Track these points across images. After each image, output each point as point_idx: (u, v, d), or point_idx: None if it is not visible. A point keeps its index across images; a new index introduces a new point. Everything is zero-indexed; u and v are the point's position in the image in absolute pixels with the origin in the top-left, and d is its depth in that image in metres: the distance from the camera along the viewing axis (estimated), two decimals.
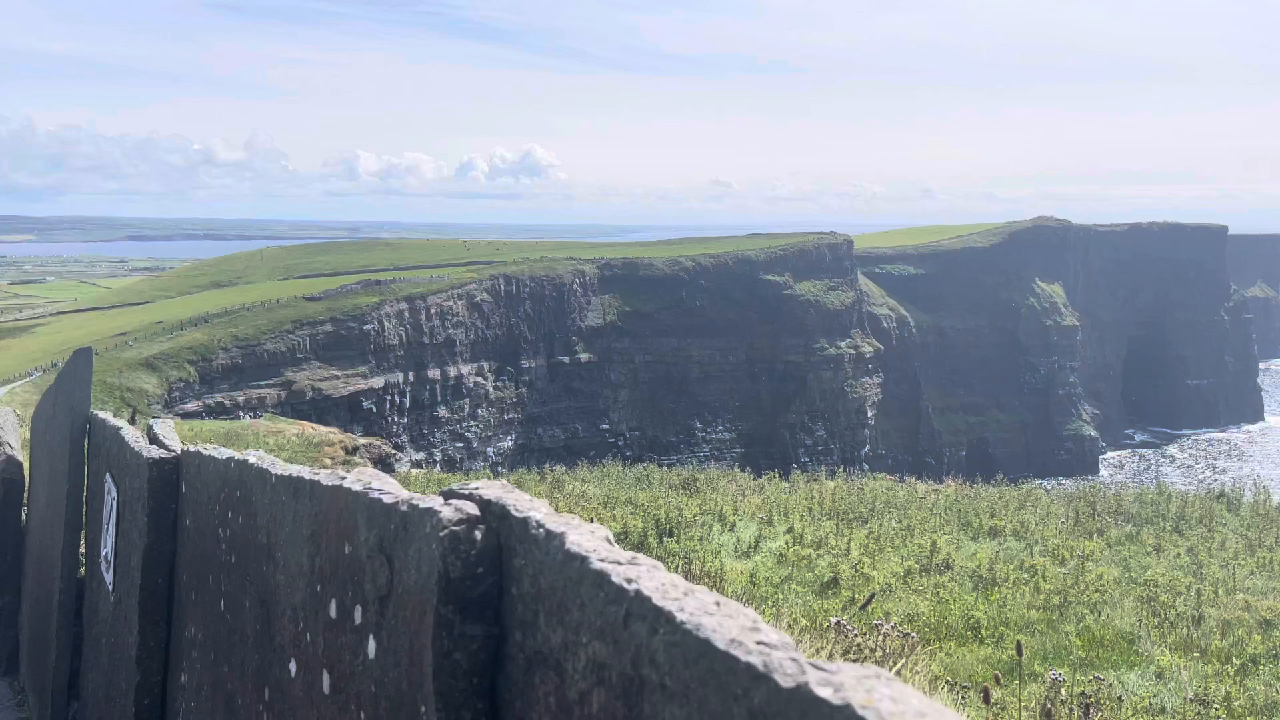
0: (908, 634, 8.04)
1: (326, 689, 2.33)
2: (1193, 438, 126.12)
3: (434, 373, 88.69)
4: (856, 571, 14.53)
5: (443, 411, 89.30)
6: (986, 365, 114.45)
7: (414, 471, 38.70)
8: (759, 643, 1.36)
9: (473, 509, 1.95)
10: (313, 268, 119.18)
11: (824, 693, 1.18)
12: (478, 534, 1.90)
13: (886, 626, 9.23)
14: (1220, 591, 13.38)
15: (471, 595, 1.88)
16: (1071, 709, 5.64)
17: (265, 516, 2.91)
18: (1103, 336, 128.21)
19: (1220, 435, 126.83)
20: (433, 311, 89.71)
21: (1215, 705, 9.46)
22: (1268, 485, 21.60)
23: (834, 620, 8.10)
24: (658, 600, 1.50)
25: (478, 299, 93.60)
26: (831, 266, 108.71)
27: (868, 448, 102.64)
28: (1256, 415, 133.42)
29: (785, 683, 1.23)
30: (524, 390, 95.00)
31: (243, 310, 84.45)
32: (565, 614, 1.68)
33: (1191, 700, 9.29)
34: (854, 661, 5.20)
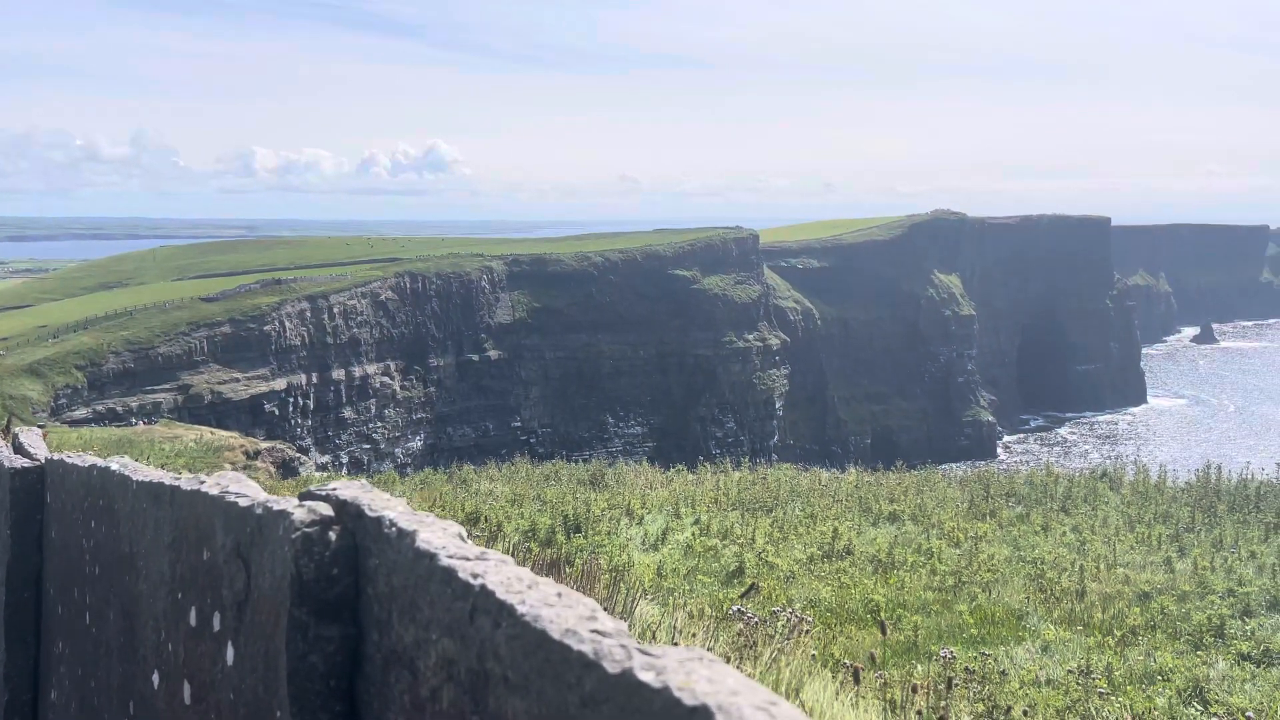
0: (803, 619, 8.23)
1: (188, 699, 2.28)
2: (1082, 420, 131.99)
3: (339, 373, 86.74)
4: (761, 560, 14.79)
5: (348, 413, 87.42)
6: (889, 355, 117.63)
7: (317, 475, 37.81)
8: (593, 631, 1.39)
9: (327, 510, 1.93)
10: (208, 267, 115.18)
11: (646, 676, 1.21)
12: (332, 535, 1.88)
13: (785, 613, 9.43)
14: (1102, 567, 14.07)
15: (327, 597, 1.86)
16: (935, 685, 5.87)
17: (128, 525, 2.82)
18: (998, 325, 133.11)
19: (1107, 417, 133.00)
20: (336, 311, 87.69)
21: (1096, 675, 9.94)
22: (1147, 464, 22.76)
23: (734, 609, 8.26)
24: (501, 594, 1.52)
25: (383, 297, 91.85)
26: (739, 261, 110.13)
27: (776, 438, 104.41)
28: (1140, 398, 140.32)
29: (612, 669, 1.26)
30: (432, 389, 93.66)
31: (134, 312, 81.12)
32: (417, 612, 1.68)
33: (1074, 671, 9.75)
34: (747, 647, 5.31)
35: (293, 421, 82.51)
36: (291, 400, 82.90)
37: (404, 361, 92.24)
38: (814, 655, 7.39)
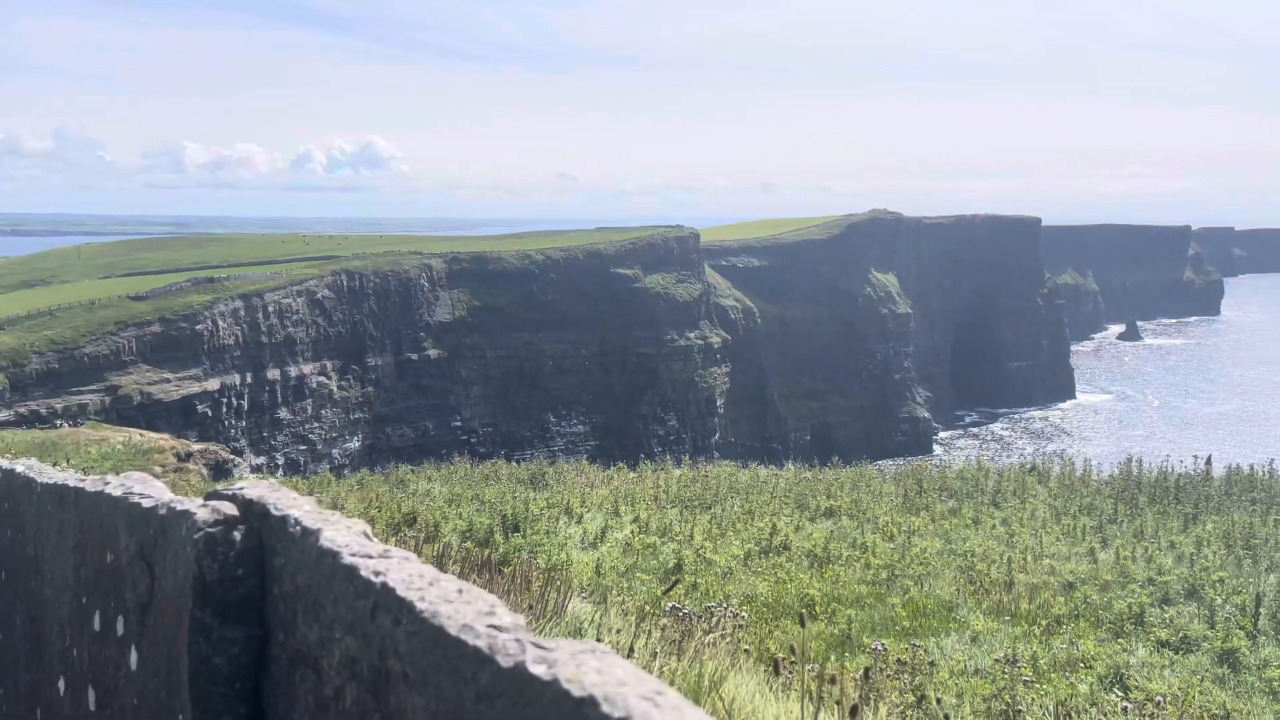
0: (738, 614, 8.32)
1: (92, 705, 2.23)
2: (1014, 416, 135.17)
3: (274, 373, 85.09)
4: (699, 556, 14.88)
5: (284, 413, 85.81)
6: (827, 353, 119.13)
7: (250, 476, 37.03)
8: (490, 626, 1.40)
9: (231, 509, 1.91)
10: (137, 265, 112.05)
11: (538, 670, 1.23)
12: (237, 535, 1.86)
13: (721, 608, 9.50)
14: (1029, 558, 14.43)
15: (231, 598, 1.84)
16: (866, 675, 5.98)
17: (33, 528, 2.75)
18: (933, 323, 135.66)
19: (1038, 413, 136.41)
20: (270, 309, 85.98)
21: (1022, 664, 10.20)
22: (1074, 458, 23.41)
23: (670, 605, 8.31)
24: (402, 591, 1.52)
25: (319, 296, 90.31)
26: (679, 260, 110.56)
27: (718, 436, 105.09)
28: (1069, 394, 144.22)
29: (505, 663, 1.28)
30: (370, 389, 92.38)
31: (58, 311, 78.56)
32: (320, 611, 1.67)
33: (1001, 661, 9.99)
34: (674, 642, 5.35)
35: (226, 423, 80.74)
36: (225, 401, 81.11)
37: (341, 361, 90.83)
38: (747, 650, 7.46)
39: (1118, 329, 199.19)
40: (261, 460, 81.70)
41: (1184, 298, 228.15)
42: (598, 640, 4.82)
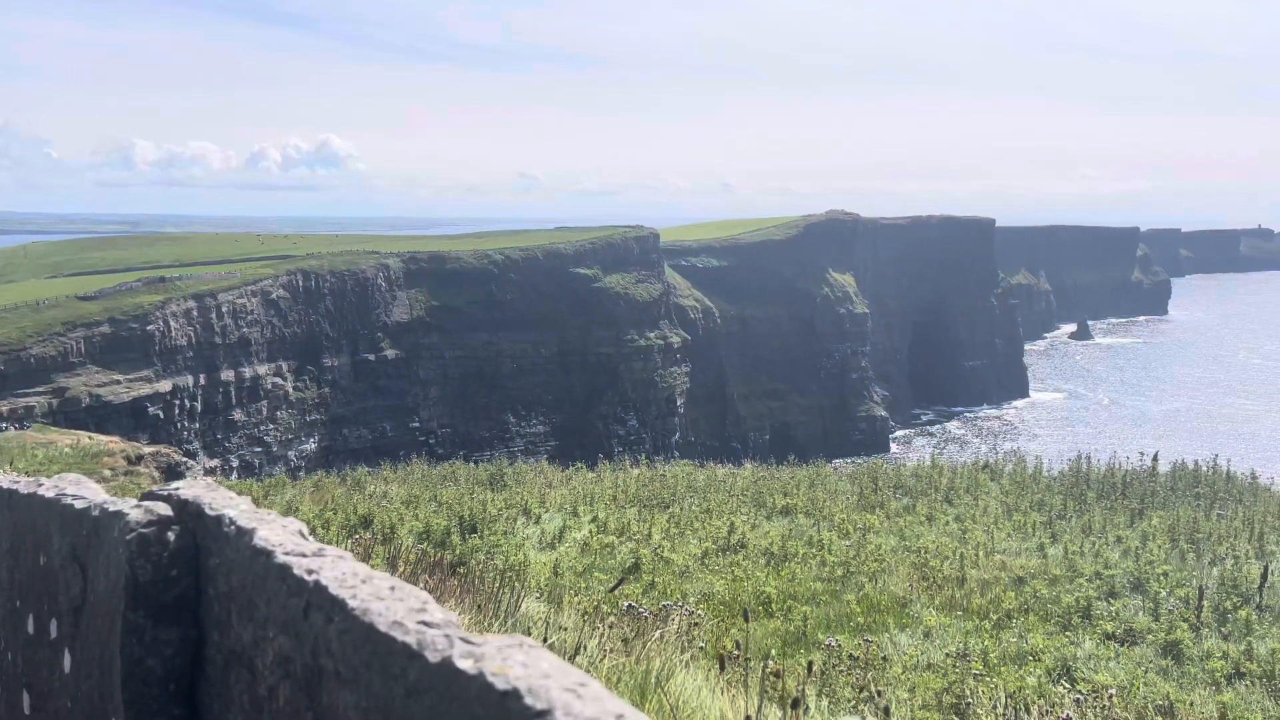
0: (694, 612, 8.37)
1: (27, 709, 2.20)
2: (970, 414, 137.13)
3: (228, 374, 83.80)
4: (657, 556, 14.93)
5: (238, 415, 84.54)
6: (786, 352, 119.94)
7: (204, 479, 36.39)
8: (421, 623, 1.41)
9: (165, 510, 1.90)
10: (86, 264, 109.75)
11: (464, 664, 1.25)
12: (170, 535, 1.85)
13: (678, 607, 9.55)
14: (981, 554, 14.66)
15: (165, 599, 1.83)
16: (820, 671, 6.05)
17: None
18: (890, 323, 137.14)
19: (993, 411, 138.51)
20: (224, 310, 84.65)
21: (973, 658, 10.37)
22: (1026, 455, 23.81)
23: (626, 604, 8.34)
24: (334, 589, 1.52)
25: (274, 295, 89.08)
26: (639, 260, 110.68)
27: (678, 435, 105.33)
28: (1023, 392, 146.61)
29: (433, 658, 1.29)
30: (327, 390, 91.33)
31: (3, 311, 76.69)
32: (254, 610, 1.67)
33: (952, 655, 10.15)
34: (625, 640, 5.38)
35: (179, 425, 79.38)
36: (177, 403, 79.73)
37: (297, 362, 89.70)
38: (702, 646, 7.51)
39: (1069, 328, 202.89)
40: (216, 463, 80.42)
41: (1133, 298, 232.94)
42: (544, 640, 4.81)
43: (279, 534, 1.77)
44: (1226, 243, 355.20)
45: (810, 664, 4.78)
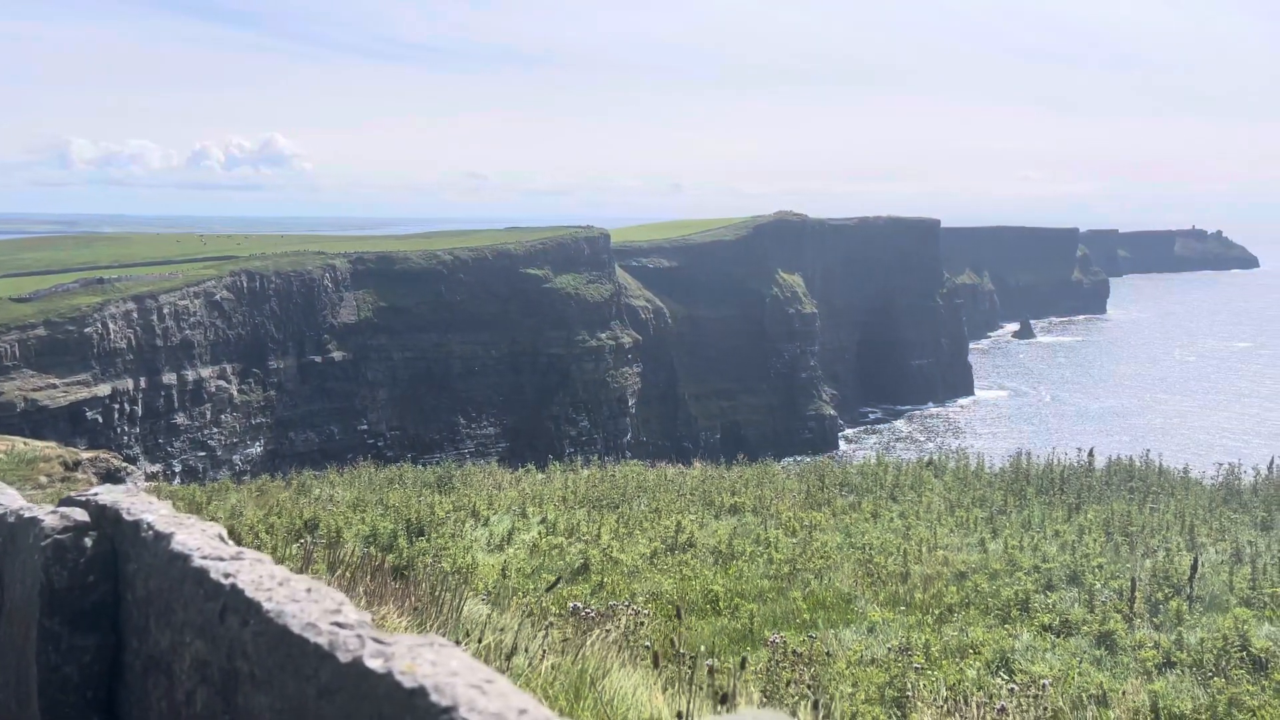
0: (640, 611, 8.41)
1: None
2: (916, 412, 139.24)
3: (169, 377, 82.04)
4: (606, 556, 14.96)
5: (181, 419, 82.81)
6: (736, 352, 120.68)
7: (144, 485, 35.59)
8: (334, 624, 1.42)
9: (82, 515, 1.88)
10: (19, 265, 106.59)
11: (374, 664, 1.26)
12: (88, 541, 1.83)
13: (625, 606, 9.59)
14: (924, 550, 14.93)
15: (82, 605, 1.81)
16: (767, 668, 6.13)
17: None
18: (838, 322, 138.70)
19: (939, 409, 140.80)
20: (166, 311, 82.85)
21: (915, 652, 10.55)
22: (968, 452, 24.27)
23: (572, 605, 8.35)
24: (250, 593, 1.53)
25: (217, 297, 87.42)
26: (590, 260, 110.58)
27: (629, 435, 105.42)
28: (968, 390, 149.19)
29: (344, 658, 1.31)
30: (273, 393, 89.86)
31: None
32: (171, 615, 1.66)
33: (895, 649, 10.33)
34: (565, 640, 5.40)
35: (119, 429, 77.53)
36: (117, 407, 77.87)
37: (241, 364, 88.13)
38: (647, 645, 7.55)
39: (1012, 327, 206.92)
40: (158, 468, 78.69)
41: (1073, 297, 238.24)
42: (480, 640, 4.80)
43: (197, 538, 1.77)
44: (1162, 243, 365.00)
45: (744, 660, 4.84)
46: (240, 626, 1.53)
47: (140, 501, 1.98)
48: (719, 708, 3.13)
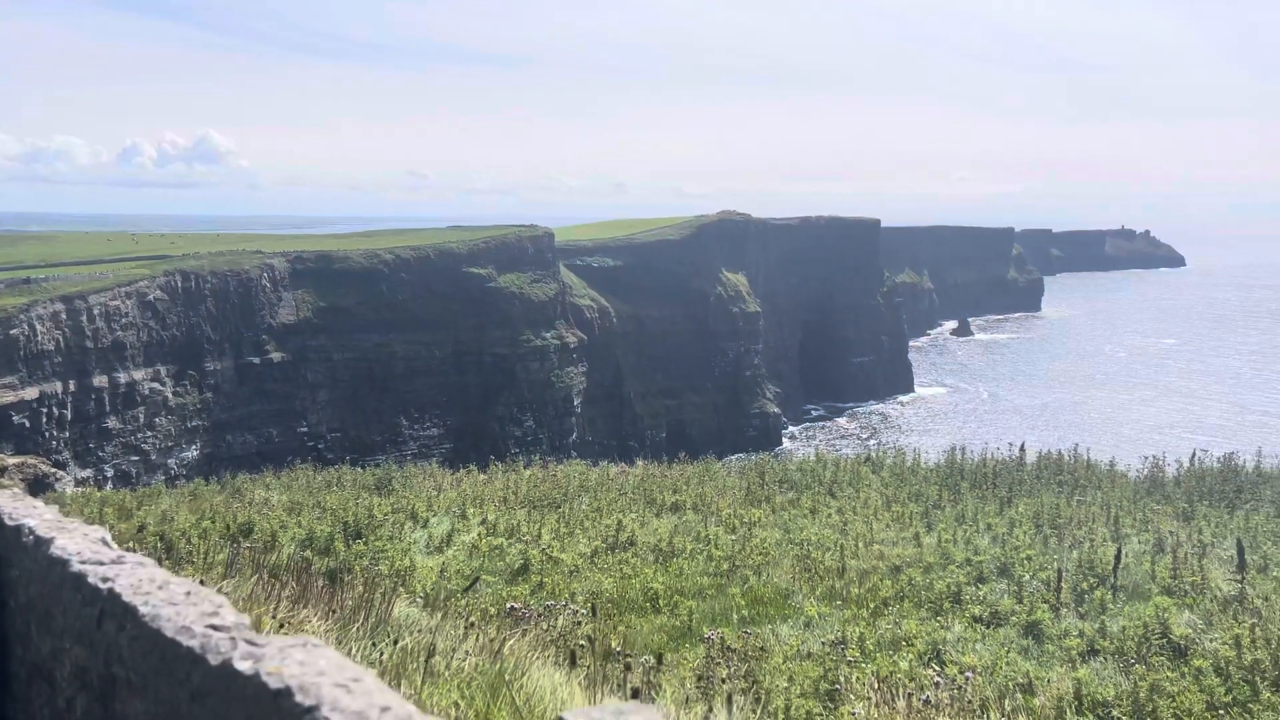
0: (577, 610, 8.42)
1: None
2: (858, 409, 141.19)
3: (100, 380, 79.79)
4: (546, 556, 14.92)
5: (112, 422, 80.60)
6: (681, 351, 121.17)
7: (73, 491, 34.63)
8: (210, 627, 1.42)
9: None
10: None
11: (242, 666, 1.26)
12: None
13: (563, 606, 9.59)
14: (861, 545, 15.15)
15: None
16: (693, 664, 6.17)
17: None
18: (781, 321, 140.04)
19: (880, 406, 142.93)
20: (96, 312, 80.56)
21: (850, 645, 10.72)
22: (905, 448, 24.67)
23: (509, 605, 8.32)
24: (128, 597, 1.51)
25: (150, 297, 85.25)
26: (534, 259, 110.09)
27: (575, 435, 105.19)
28: (908, 387, 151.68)
29: (214, 661, 1.30)
30: (209, 395, 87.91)
31: None
32: (52, 621, 1.64)
33: (830, 643, 10.48)
34: (491, 640, 5.40)
35: (47, 434, 75.22)
36: (45, 411, 75.51)
37: (176, 366, 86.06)
38: (582, 644, 7.56)
39: (951, 325, 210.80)
40: (88, 473, 76.57)
41: (1009, 295, 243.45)
42: (395, 643, 4.77)
43: (78, 542, 1.74)
44: (1093, 242, 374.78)
45: (660, 655, 4.88)
46: (117, 631, 1.52)
47: (24, 506, 1.95)
48: (629, 702, 3.16)
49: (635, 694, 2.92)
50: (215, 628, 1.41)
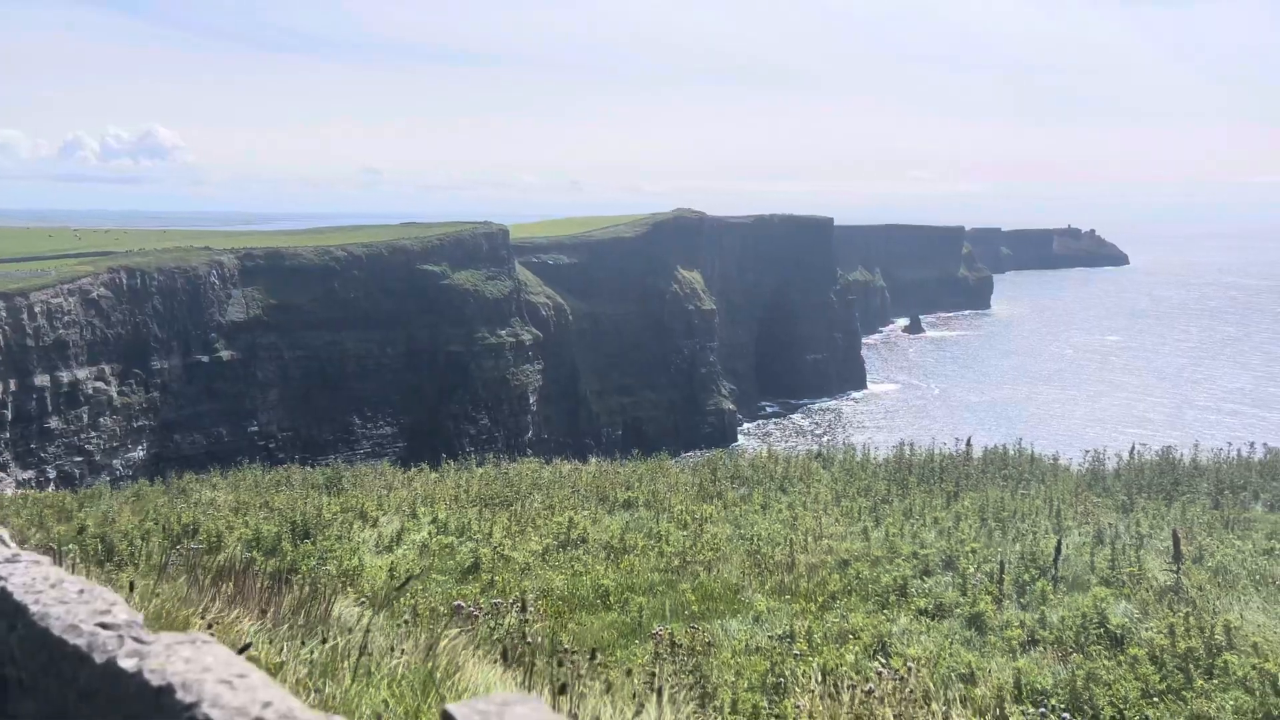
0: (527, 608, 8.40)
1: None
2: (812, 406, 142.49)
3: (42, 379, 77.84)
4: (497, 554, 14.87)
5: (55, 423, 78.68)
6: (637, 349, 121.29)
7: (13, 493, 33.70)
8: (99, 625, 1.40)
9: None
10: None
11: (127, 664, 1.25)
12: None
13: (510, 604, 9.57)
14: (810, 539, 15.30)
15: None
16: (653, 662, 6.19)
17: None
18: (735, 318, 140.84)
19: (833, 403, 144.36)
20: (37, 310, 78.54)
21: (798, 639, 10.83)
22: (855, 444, 24.96)
23: (455, 604, 8.28)
24: (19, 595, 1.49)
25: (94, 295, 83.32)
26: (489, 256, 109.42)
27: (531, 433, 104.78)
28: (861, 384, 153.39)
29: (100, 659, 1.29)
30: (156, 394, 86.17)
31: None
32: None
33: (778, 637, 10.59)
34: (431, 640, 5.37)
35: None
36: None
37: (121, 365, 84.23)
38: (529, 641, 7.55)
39: (903, 322, 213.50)
40: (30, 474, 74.68)
41: (959, 293, 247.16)
42: (324, 641, 4.73)
43: None
44: (1041, 241, 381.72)
45: (593, 652, 4.90)
46: (8, 631, 1.50)
47: None
48: (556, 697, 3.18)
49: (563, 690, 2.93)
50: (105, 626, 1.40)
